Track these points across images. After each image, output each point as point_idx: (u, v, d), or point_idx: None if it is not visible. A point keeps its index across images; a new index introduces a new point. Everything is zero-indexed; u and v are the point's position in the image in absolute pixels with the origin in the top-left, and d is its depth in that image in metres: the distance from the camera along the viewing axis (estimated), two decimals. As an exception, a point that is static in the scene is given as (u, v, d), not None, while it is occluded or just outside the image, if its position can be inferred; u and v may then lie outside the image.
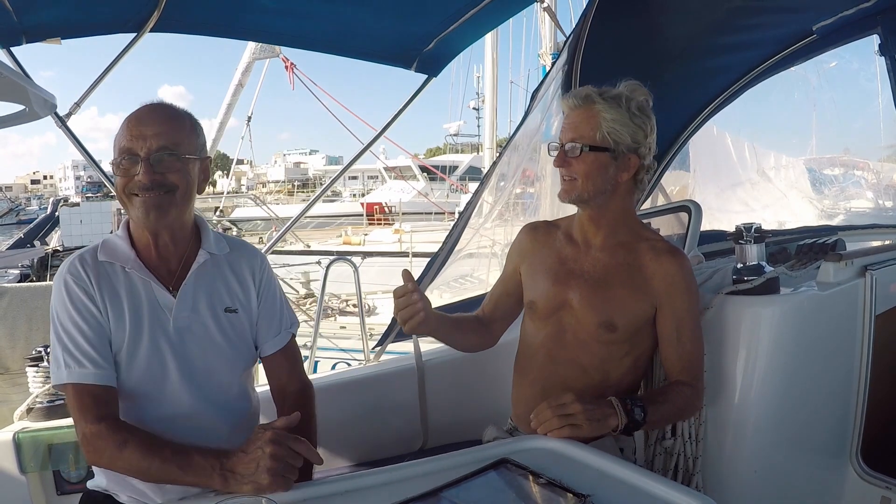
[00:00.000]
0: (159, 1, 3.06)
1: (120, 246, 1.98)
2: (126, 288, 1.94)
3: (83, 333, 1.86)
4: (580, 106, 2.15)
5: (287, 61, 13.79)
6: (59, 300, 1.90)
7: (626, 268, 2.21)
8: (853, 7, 3.49)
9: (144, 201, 1.88)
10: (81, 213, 17.94)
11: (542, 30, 12.90)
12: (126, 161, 1.86)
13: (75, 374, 1.83)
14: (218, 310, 2.04)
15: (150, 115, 1.90)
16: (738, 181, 9.80)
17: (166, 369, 1.94)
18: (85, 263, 1.93)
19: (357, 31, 3.67)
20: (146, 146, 1.85)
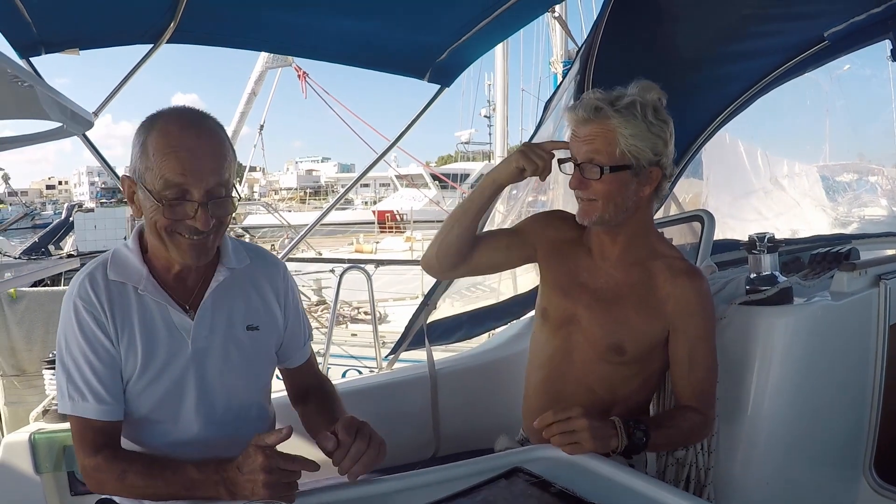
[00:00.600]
0: (176, 13, 3.08)
1: (131, 262, 1.84)
2: (139, 312, 1.82)
3: (91, 365, 1.76)
4: (592, 120, 1.98)
5: (299, 70, 13.87)
6: (67, 325, 1.79)
7: (640, 287, 2.13)
8: (864, 13, 3.48)
9: (193, 245, 1.76)
10: (96, 219, 18.02)
11: (554, 38, 12.96)
12: (175, 200, 1.69)
13: (79, 407, 1.75)
14: (238, 328, 1.94)
15: (204, 145, 1.72)
16: (752, 189, 9.78)
17: (183, 395, 1.86)
18: (95, 285, 1.80)
19: (370, 42, 3.68)
20: (203, 187, 1.70)
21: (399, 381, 3.20)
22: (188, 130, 1.72)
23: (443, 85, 4.03)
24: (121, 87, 3.51)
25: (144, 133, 1.71)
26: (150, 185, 1.69)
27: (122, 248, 1.88)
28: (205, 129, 1.75)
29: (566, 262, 2.25)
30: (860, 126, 17.27)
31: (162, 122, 1.72)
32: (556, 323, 2.24)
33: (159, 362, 1.83)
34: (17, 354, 4.09)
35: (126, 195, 1.79)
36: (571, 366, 2.19)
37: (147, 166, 1.69)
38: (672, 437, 2.07)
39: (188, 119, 1.75)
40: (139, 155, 1.71)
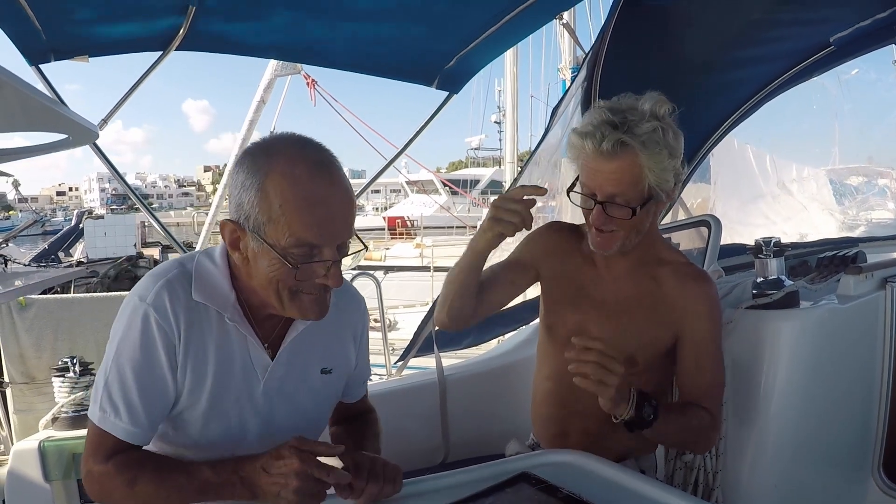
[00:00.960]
0: (185, 20, 3.10)
1: (219, 285, 1.65)
2: (217, 342, 1.64)
3: (140, 383, 1.58)
4: (618, 155, 1.85)
5: (308, 78, 13.86)
6: (128, 332, 1.59)
7: (648, 296, 2.08)
8: (869, 18, 3.49)
9: (317, 301, 1.61)
10: (106, 226, 18.06)
11: (562, 44, 12.96)
12: (306, 259, 1.51)
13: (108, 422, 1.58)
14: (313, 372, 1.80)
15: (339, 195, 1.52)
16: (760, 194, 9.78)
17: (245, 433, 1.72)
18: (175, 301, 1.59)
19: (378, 50, 3.70)
20: (336, 243, 1.54)
21: (408, 388, 3.21)
22: (320, 177, 1.50)
23: (451, 92, 4.05)
24: (130, 94, 3.54)
25: (261, 174, 1.49)
26: (274, 240, 1.49)
27: (207, 265, 1.67)
28: (335, 172, 1.53)
29: (570, 276, 2.20)
30: (868, 129, 17.28)
31: (284, 163, 1.49)
32: (565, 338, 2.08)
33: (230, 397, 1.68)
34: (27, 362, 4.10)
35: (227, 241, 1.58)
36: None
37: (270, 217, 1.48)
38: (680, 426, 1.98)
39: (314, 160, 1.52)
40: (256, 200, 1.48)
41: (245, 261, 1.57)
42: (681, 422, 1.99)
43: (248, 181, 1.49)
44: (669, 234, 3.32)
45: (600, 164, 1.88)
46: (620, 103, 1.91)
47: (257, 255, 1.53)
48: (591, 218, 1.97)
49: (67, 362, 3.26)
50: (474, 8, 3.27)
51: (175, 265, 1.66)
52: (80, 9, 2.93)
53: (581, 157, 1.94)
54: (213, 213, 10.25)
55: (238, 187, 1.51)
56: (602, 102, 1.95)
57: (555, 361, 2.21)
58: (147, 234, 24.24)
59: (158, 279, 1.61)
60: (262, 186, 1.47)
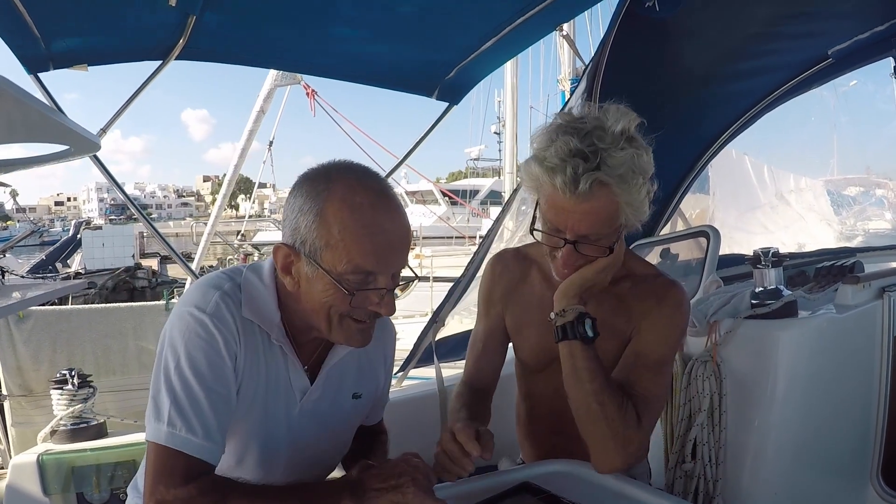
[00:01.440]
0: (185, 30, 3.11)
1: (267, 305, 1.62)
2: (265, 359, 1.63)
3: (210, 395, 1.50)
4: (593, 195, 1.67)
5: (308, 88, 13.88)
6: (191, 342, 1.51)
7: (613, 313, 1.94)
8: (867, 31, 3.52)
9: (364, 329, 1.60)
10: (104, 237, 18.12)
11: (561, 55, 12.97)
12: (362, 286, 1.51)
13: (179, 439, 1.45)
14: (345, 396, 1.80)
15: (397, 225, 1.52)
16: (758, 204, 9.83)
17: (276, 451, 1.70)
18: (233, 310, 1.56)
19: (379, 60, 3.72)
20: (391, 272, 1.54)
21: (408, 399, 3.21)
22: (380, 205, 1.51)
23: (451, 103, 4.07)
24: (129, 104, 3.55)
25: (321, 199, 1.48)
26: (330, 266, 1.49)
27: (255, 283, 1.64)
28: (394, 202, 1.55)
29: (529, 301, 2.08)
30: (866, 140, 17.47)
31: (345, 190, 1.49)
32: (537, 368, 2.11)
33: (270, 414, 1.66)
34: (25, 374, 4.11)
35: (280, 264, 1.57)
36: (561, 399, 1.90)
37: (328, 243, 1.48)
38: (605, 390, 1.78)
39: (375, 189, 1.52)
40: (314, 225, 1.48)
41: (296, 285, 1.56)
42: (609, 389, 1.79)
43: (306, 206, 1.49)
44: (668, 245, 3.33)
45: (571, 205, 1.70)
46: (584, 121, 1.72)
47: (311, 280, 1.52)
48: (560, 258, 1.82)
49: (66, 374, 3.25)
50: (475, 19, 3.29)
51: (226, 278, 1.63)
52: (79, 17, 2.95)
53: (545, 191, 1.75)
54: (211, 224, 10.26)
55: (295, 212, 1.51)
56: (561, 118, 1.77)
57: (527, 384, 2.20)
58: (146, 245, 24.33)
59: (214, 290, 1.58)
60: (322, 212, 1.47)
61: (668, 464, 2.41)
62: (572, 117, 1.75)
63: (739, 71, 3.82)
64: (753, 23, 3.39)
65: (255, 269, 1.68)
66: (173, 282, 16.16)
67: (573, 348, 1.81)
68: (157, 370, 1.51)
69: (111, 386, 4.01)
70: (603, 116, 1.72)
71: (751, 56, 3.71)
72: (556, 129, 1.72)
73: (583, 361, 1.80)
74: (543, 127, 1.79)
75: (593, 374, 1.79)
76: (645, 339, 1.90)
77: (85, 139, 2.41)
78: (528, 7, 3.17)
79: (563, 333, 1.82)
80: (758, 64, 3.81)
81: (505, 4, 3.18)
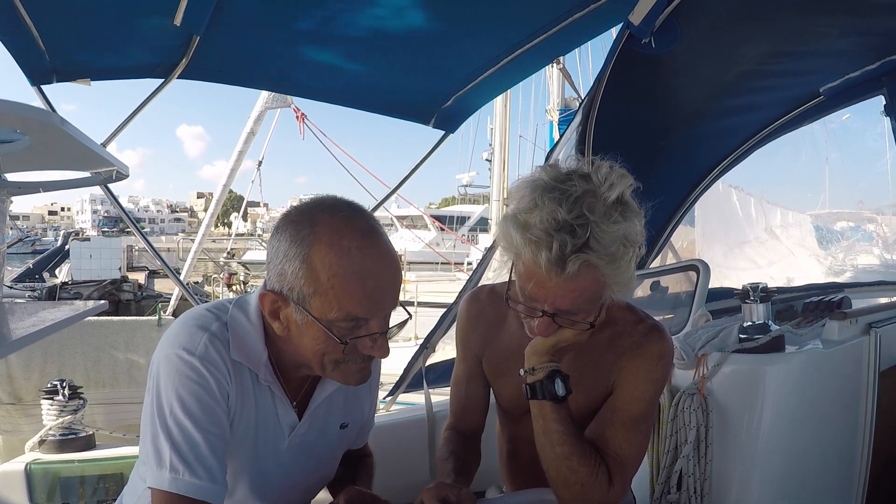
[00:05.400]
0: (188, 50, 3.15)
1: (254, 345, 1.57)
2: (254, 398, 1.60)
3: (207, 437, 1.47)
4: (580, 275, 1.53)
5: (298, 111, 13.96)
6: (184, 386, 1.48)
7: (592, 366, 1.86)
8: (859, 69, 3.57)
9: (363, 369, 1.57)
10: (91, 248, 18.08)
11: (551, 86, 13.07)
12: (354, 333, 1.47)
13: (183, 483, 1.42)
14: (333, 427, 1.79)
15: (387, 267, 1.47)
16: (745, 239, 9.85)
17: (267, 484, 1.69)
18: (222, 352, 1.52)
19: (377, 87, 3.76)
20: (384, 315, 1.51)
21: (397, 423, 3.21)
22: (369, 248, 1.45)
23: (447, 131, 4.11)
24: (129, 120, 3.59)
25: (306, 244, 1.43)
26: (320, 314, 1.44)
27: (242, 322, 1.59)
28: (383, 242, 1.49)
29: (506, 346, 1.99)
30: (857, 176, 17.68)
31: (331, 233, 1.43)
32: (517, 413, 2.02)
33: (262, 453, 1.65)
34: (15, 382, 4.10)
35: (267, 311, 1.52)
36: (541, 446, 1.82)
37: (317, 290, 1.43)
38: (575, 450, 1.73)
39: (363, 230, 1.46)
40: (301, 272, 1.43)
41: (286, 330, 1.52)
42: (580, 452, 1.73)
43: (291, 251, 1.44)
44: (658, 279, 3.36)
45: (553, 281, 1.55)
46: (573, 183, 1.56)
47: (300, 326, 1.48)
48: (536, 327, 1.69)
49: (56, 385, 3.25)
50: (474, 49, 3.34)
51: (213, 318, 1.57)
52: (86, 33, 2.99)
53: (525, 261, 1.60)
54: (198, 241, 10.30)
55: (280, 256, 1.45)
56: (546, 174, 1.61)
57: (508, 427, 2.15)
58: (135, 258, 24.25)
59: (202, 331, 1.53)
60: (308, 258, 1.42)
61: (654, 495, 2.43)
62: (559, 174, 1.60)
63: (732, 107, 3.86)
64: (747, 60, 3.44)
65: (241, 305, 1.62)
66: (158, 296, 16.09)
67: (543, 408, 1.74)
68: (151, 413, 1.48)
69: (101, 398, 4.01)
70: (595, 177, 1.57)
71: (744, 92, 3.75)
72: (542, 191, 1.56)
73: (553, 423, 1.73)
74: (526, 181, 1.64)
75: (563, 437, 1.72)
76: (622, 395, 1.82)
77: (114, 165, 2.42)
78: (527, 39, 3.22)
79: (532, 392, 1.75)
80: (750, 100, 3.85)
81: (504, 36, 3.23)
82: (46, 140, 1.74)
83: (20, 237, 25.33)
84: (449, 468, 1.93)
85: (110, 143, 3.46)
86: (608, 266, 1.52)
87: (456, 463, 1.95)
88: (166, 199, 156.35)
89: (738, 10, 3.03)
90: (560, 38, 3.21)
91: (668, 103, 3.60)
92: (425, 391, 3.21)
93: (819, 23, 3.15)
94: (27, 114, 1.52)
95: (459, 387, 2.12)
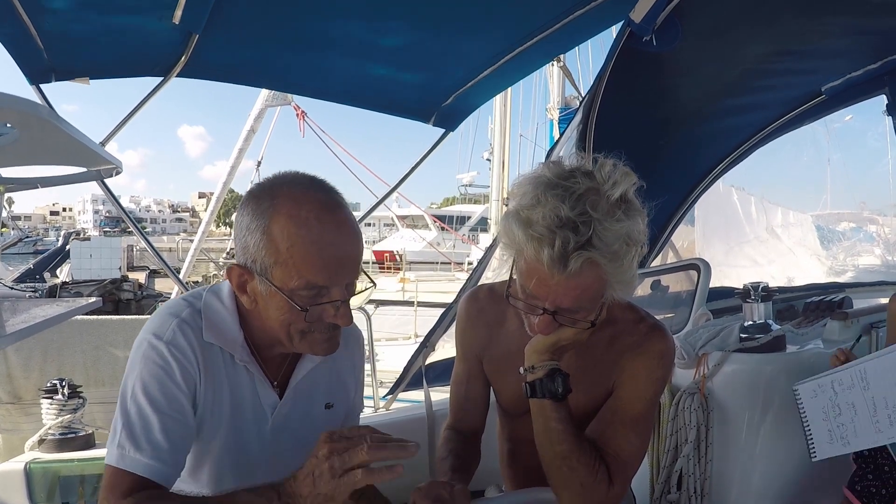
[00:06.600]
0: (187, 48, 3.14)
1: (227, 325, 1.62)
2: (229, 381, 1.63)
3: (162, 418, 1.50)
4: (582, 272, 1.51)
5: (298, 109, 13.93)
6: (147, 370, 1.52)
7: (593, 365, 1.84)
8: (861, 69, 3.56)
9: (330, 338, 1.59)
10: (92, 248, 18.09)
11: (551, 85, 13.09)
12: (316, 302, 1.50)
13: (127, 459, 1.46)
14: (318, 408, 1.79)
15: (347, 236, 1.50)
16: (746, 238, 9.83)
17: (254, 469, 1.68)
18: (190, 337, 1.56)
19: (378, 85, 3.76)
20: (345, 283, 1.52)
21: (396, 422, 3.21)
22: (327, 218, 1.48)
23: (448, 129, 4.09)
24: (129, 119, 3.58)
25: (266, 216, 1.47)
26: (282, 283, 1.48)
27: (215, 305, 1.64)
28: (342, 212, 1.51)
29: (506, 346, 1.96)
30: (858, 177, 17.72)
31: (290, 204, 1.47)
32: (517, 413, 1.99)
33: (241, 434, 1.67)
34: (14, 381, 4.10)
35: (235, 285, 1.56)
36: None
37: (277, 260, 1.46)
38: (574, 448, 1.71)
39: (321, 200, 1.50)
40: (262, 244, 1.47)
41: (254, 303, 1.56)
42: (580, 451, 1.72)
43: (252, 224, 1.48)
44: (659, 277, 3.36)
45: (555, 279, 1.53)
46: (576, 180, 1.55)
47: (266, 298, 1.52)
48: (537, 325, 1.67)
49: (56, 384, 3.25)
50: (474, 47, 3.33)
51: (185, 304, 1.63)
52: (84, 31, 2.98)
53: (526, 257, 1.59)
54: (198, 241, 10.27)
55: (243, 230, 1.50)
56: (549, 171, 1.59)
57: (508, 427, 2.13)
58: (135, 258, 24.27)
59: (173, 317, 1.58)
60: (268, 229, 1.46)
61: (654, 494, 2.43)
62: (562, 171, 1.58)
63: (734, 106, 3.85)
64: (748, 59, 3.43)
65: (215, 290, 1.67)
66: (158, 295, 16.07)
67: (543, 406, 1.72)
68: (119, 396, 1.53)
69: (100, 397, 3.99)
70: (599, 175, 1.56)
71: (745, 91, 3.75)
72: (545, 187, 1.55)
73: (553, 422, 1.72)
74: (529, 177, 1.62)
75: (563, 436, 1.71)
76: (623, 395, 1.80)
77: (107, 161, 2.41)
78: (528, 37, 3.21)
79: (532, 391, 1.73)
80: (752, 99, 3.85)
81: (505, 34, 3.22)
82: (37, 134, 1.74)
83: (21, 237, 25.37)
84: (448, 467, 1.92)
85: (110, 141, 3.45)
86: (610, 264, 1.51)
87: (455, 462, 1.94)
88: (168, 200, 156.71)
89: (740, 8, 3.02)
90: (561, 36, 3.20)
91: (668, 102, 3.59)
92: (425, 390, 3.21)
93: (821, 22, 3.14)
94: (15, 106, 1.51)
95: (459, 386, 2.11)
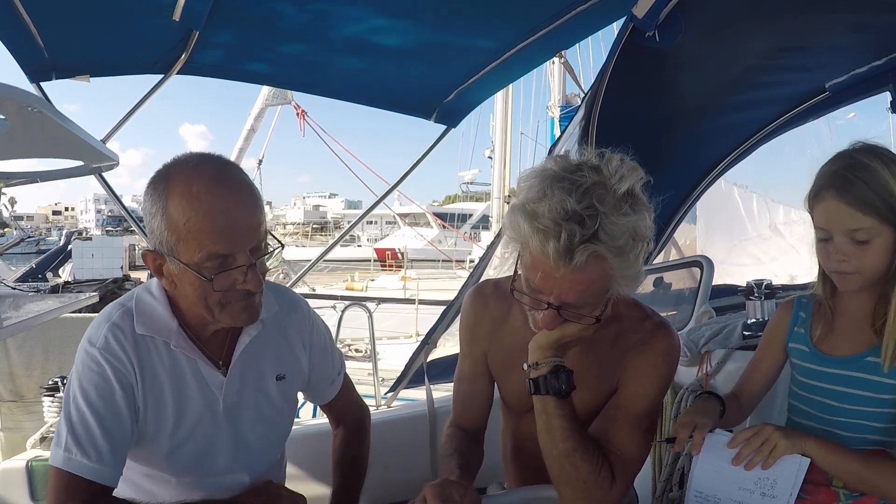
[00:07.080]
0: (188, 44, 3.14)
1: (159, 315, 1.68)
2: (169, 369, 1.70)
3: (101, 423, 1.60)
4: (588, 266, 1.50)
5: (298, 108, 13.94)
6: (86, 376, 1.62)
7: (597, 362, 1.83)
8: (865, 65, 3.54)
9: (246, 307, 1.64)
10: (93, 248, 18.07)
11: (552, 83, 13.07)
12: (222, 270, 1.55)
13: (75, 462, 1.57)
14: (268, 380, 1.84)
15: (239, 201, 1.55)
16: (748, 236, 9.79)
17: (217, 450, 1.77)
18: (122, 339, 1.64)
19: (378, 82, 3.75)
20: (247, 248, 1.57)
21: (398, 419, 3.22)
22: (217, 189, 1.53)
23: (449, 125, 4.09)
24: (129, 117, 3.58)
25: (162, 198, 1.53)
26: (188, 259, 1.54)
27: (146, 298, 1.71)
28: (233, 181, 1.57)
29: (510, 344, 1.95)
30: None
31: (182, 182, 1.52)
32: (521, 410, 1.99)
33: (191, 420, 1.72)
34: (16, 380, 4.10)
35: (152, 269, 1.63)
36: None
37: (179, 238, 1.52)
38: (578, 446, 1.70)
39: (210, 174, 1.55)
40: (163, 225, 1.53)
41: (173, 285, 1.63)
42: (583, 449, 1.71)
43: (153, 208, 1.55)
44: (661, 275, 3.34)
45: (560, 272, 1.52)
46: (583, 173, 1.53)
47: (179, 277, 1.59)
48: (541, 320, 1.66)
49: (58, 382, 3.24)
50: (476, 43, 3.31)
51: (117, 307, 1.71)
52: (84, 29, 2.97)
53: (531, 250, 1.56)
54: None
55: (148, 217, 1.57)
56: (555, 164, 1.58)
57: (512, 423, 2.13)
58: (137, 256, 24.21)
59: (105, 322, 1.67)
60: (166, 210, 1.52)
61: (656, 492, 2.42)
62: (569, 165, 1.57)
63: (737, 102, 3.84)
64: (752, 55, 3.41)
65: (147, 285, 1.75)
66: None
67: (546, 403, 1.72)
68: (63, 401, 1.65)
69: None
70: (605, 169, 1.55)
71: (748, 88, 3.73)
72: (552, 180, 1.53)
73: (556, 419, 1.71)
74: (535, 171, 1.61)
75: (566, 434, 1.70)
76: (627, 393, 1.80)
77: (104, 155, 2.41)
78: (530, 33, 3.19)
79: (535, 387, 1.72)
80: (755, 96, 3.83)
81: (506, 30, 3.20)
82: (31, 125, 1.75)
83: (24, 237, 25.34)
84: (453, 465, 1.90)
85: (111, 139, 3.44)
86: (616, 258, 1.50)
87: (459, 460, 1.93)
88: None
89: (743, 4, 3.01)
90: (563, 31, 3.18)
91: (671, 98, 3.58)
92: (426, 387, 3.20)
93: (825, 18, 3.13)
94: (5, 94, 1.52)
95: (463, 383, 2.10)
